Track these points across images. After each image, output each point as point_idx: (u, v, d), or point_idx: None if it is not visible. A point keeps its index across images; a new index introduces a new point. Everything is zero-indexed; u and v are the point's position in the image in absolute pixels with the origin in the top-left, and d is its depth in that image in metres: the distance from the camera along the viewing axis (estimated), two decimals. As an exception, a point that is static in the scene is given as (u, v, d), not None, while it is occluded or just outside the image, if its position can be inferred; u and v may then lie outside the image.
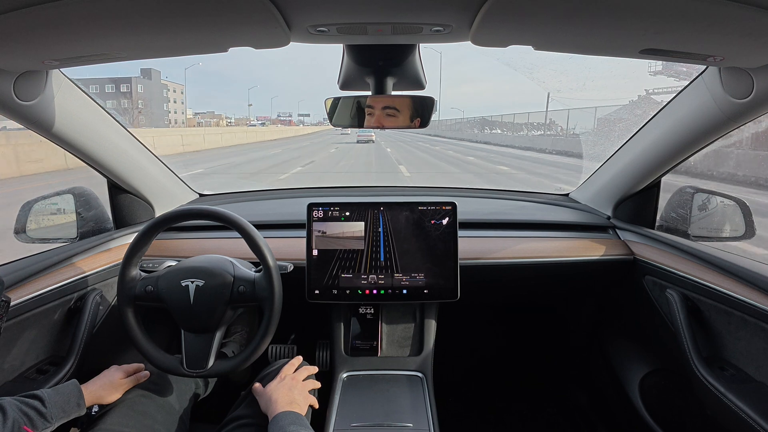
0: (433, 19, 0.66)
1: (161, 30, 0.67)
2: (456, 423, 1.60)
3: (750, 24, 0.60)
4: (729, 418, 0.89)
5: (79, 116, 1.02)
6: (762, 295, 0.88)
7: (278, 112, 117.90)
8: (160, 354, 0.96)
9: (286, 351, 1.27)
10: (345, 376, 1.19)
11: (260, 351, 0.97)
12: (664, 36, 0.66)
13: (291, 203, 1.64)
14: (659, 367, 1.26)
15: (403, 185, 1.91)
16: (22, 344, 0.94)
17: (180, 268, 0.97)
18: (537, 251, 1.29)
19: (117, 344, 1.23)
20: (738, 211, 1.20)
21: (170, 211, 0.99)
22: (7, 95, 0.84)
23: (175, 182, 1.48)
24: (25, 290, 0.93)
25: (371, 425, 1.00)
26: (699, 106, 0.98)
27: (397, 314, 1.29)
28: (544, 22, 0.63)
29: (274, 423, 0.85)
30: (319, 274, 1.17)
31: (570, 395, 1.70)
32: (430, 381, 1.18)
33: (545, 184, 9.69)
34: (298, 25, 0.66)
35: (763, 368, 0.89)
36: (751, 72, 0.82)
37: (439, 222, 1.18)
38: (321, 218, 1.17)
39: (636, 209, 1.34)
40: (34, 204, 1.19)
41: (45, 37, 0.66)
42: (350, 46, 0.87)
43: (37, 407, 0.77)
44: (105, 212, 1.29)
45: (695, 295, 1.05)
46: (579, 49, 0.77)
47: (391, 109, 0.92)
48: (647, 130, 1.20)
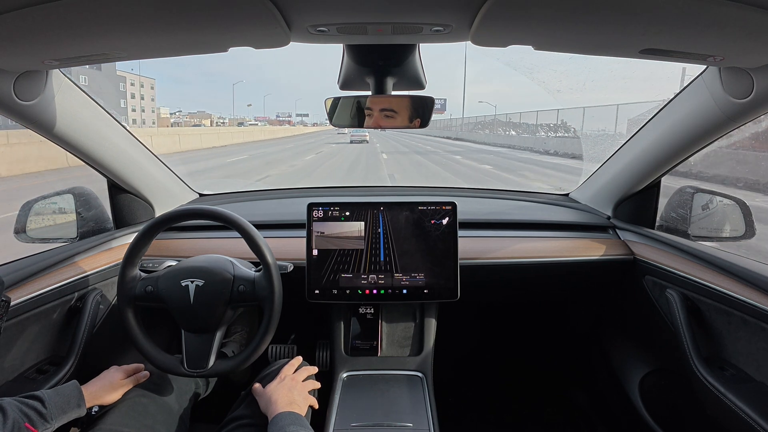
0: (433, 19, 0.66)
1: (161, 30, 0.67)
2: (456, 423, 1.60)
3: (750, 24, 0.60)
4: (729, 418, 0.89)
5: (79, 116, 1.02)
6: (762, 295, 0.88)
7: (277, 113, 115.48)
8: (160, 354, 0.96)
9: (286, 351, 1.27)
10: (345, 376, 1.19)
11: (260, 351, 0.97)
12: (664, 36, 0.66)
13: (291, 203, 1.64)
14: (659, 367, 1.26)
15: (403, 185, 1.90)
16: (22, 344, 0.94)
17: (180, 268, 0.97)
18: (537, 251, 1.29)
19: (117, 344, 1.23)
20: (738, 210, 1.20)
21: (170, 211, 0.99)
22: (7, 95, 0.84)
23: (175, 182, 1.48)
24: (25, 290, 0.93)
25: (371, 425, 1.00)
26: (699, 106, 0.98)
27: (397, 314, 1.29)
28: (544, 22, 0.63)
29: (274, 423, 0.85)
30: (319, 274, 1.17)
31: (570, 395, 1.70)
32: (430, 381, 1.18)
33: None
34: (298, 25, 0.66)
35: (763, 368, 0.89)
36: (751, 72, 0.82)
37: (439, 222, 1.18)
38: (321, 218, 1.17)
39: (636, 209, 1.34)
40: (34, 204, 1.19)
41: (45, 37, 0.66)
42: (350, 46, 0.87)
43: (37, 408, 0.77)
44: (105, 212, 1.29)
45: (695, 295, 1.05)
46: (579, 49, 0.77)
47: (391, 111, 0.92)
48: (647, 130, 1.20)
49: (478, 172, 12.54)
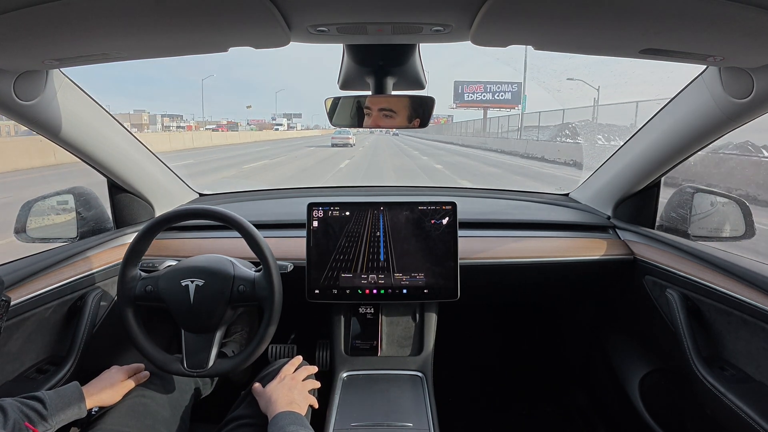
0: (433, 19, 0.66)
1: (161, 30, 0.67)
2: (456, 423, 1.60)
3: (750, 24, 0.60)
4: (729, 418, 0.89)
5: (79, 116, 1.02)
6: (762, 295, 0.88)
7: (272, 114, 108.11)
8: (160, 354, 0.96)
9: (286, 351, 1.27)
10: (345, 375, 1.19)
11: (260, 351, 0.97)
12: (664, 36, 0.66)
13: (291, 203, 1.64)
14: (659, 367, 1.26)
15: (403, 185, 1.90)
16: (22, 344, 0.94)
17: (180, 268, 0.97)
18: (537, 251, 1.29)
19: (117, 344, 1.23)
20: (738, 210, 1.20)
21: (170, 211, 0.99)
22: (7, 95, 0.84)
23: (175, 182, 1.48)
24: (25, 290, 0.93)
25: (371, 425, 1.00)
26: (699, 106, 0.98)
27: (397, 314, 1.29)
28: (544, 22, 0.63)
29: (274, 423, 0.85)
30: (319, 274, 1.17)
31: (570, 395, 1.70)
32: (430, 381, 1.18)
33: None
34: (298, 25, 0.66)
35: (763, 368, 0.89)
36: (751, 72, 0.82)
37: (439, 222, 1.18)
38: (321, 218, 1.17)
39: (636, 209, 1.34)
40: (34, 204, 1.19)
41: (45, 37, 0.66)
42: (350, 46, 0.87)
43: (38, 409, 0.77)
44: (105, 212, 1.29)
45: (695, 295, 1.05)
46: (579, 49, 0.77)
47: (390, 111, 0.92)
48: (647, 130, 1.20)
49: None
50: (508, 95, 41.91)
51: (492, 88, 42.59)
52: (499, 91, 42.42)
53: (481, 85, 43.06)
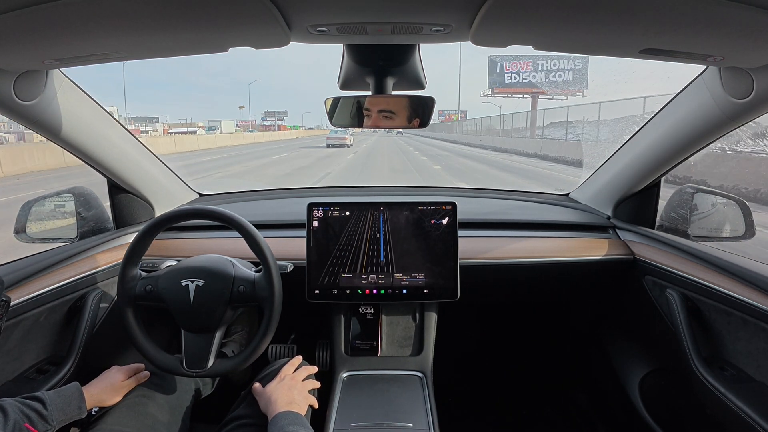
0: (433, 19, 0.66)
1: (161, 30, 0.67)
2: (456, 423, 1.60)
3: (750, 24, 0.60)
4: (729, 418, 0.89)
5: (79, 116, 1.02)
6: (762, 295, 0.88)
7: (264, 112, 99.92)
8: (160, 354, 0.96)
9: (286, 351, 1.27)
10: (345, 376, 1.19)
11: (260, 351, 0.97)
12: (664, 36, 0.66)
13: (291, 203, 1.64)
14: (659, 367, 1.26)
15: (403, 185, 1.90)
16: (22, 344, 0.94)
17: (180, 268, 0.97)
18: (537, 251, 1.29)
19: (117, 344, 1.23)
20: (738, 210, 1.20)
21: (170, 211, 0.99)
22: (7, 95, 0.84)
23: (175, 182, 1.48)
24: (25, 290, 0.93)
25: (371, 425, 1.00)
26: (699, 106, 0.98)
27: (397, 314, 1.29)
28: (544, 22, 0.63)
29: (274, 423, 0.85)
30: (319, 274, 1.17)
31: (570, 395, 1.70)
32: (430, 381, 1.18)
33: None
34: (298, 25, 0.66)
35: (763, 368, 0.89)
36: (751, 72, 0.82)
37: (439, 222, 1.18)
38: (321, 218, 1.17)
39: (636, 209, 1.34)
40: (34, 204, 1.19)
41: (45, 37, 0.66)
42: (350, 46, 0.87)
43: (38, 409, 0.77)
44: (105, 212, 1.29)
45: (695, 295, 1.05)
46: (579, 49, 0.77)
47: (390, 111, 0.92)
48: (647, 130, 1.20)
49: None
50: (569, 74, 30.13)
51: (546, 65, 30.40)
52: (555, 70, 30.48)
53: (530, 61, 30.72)
